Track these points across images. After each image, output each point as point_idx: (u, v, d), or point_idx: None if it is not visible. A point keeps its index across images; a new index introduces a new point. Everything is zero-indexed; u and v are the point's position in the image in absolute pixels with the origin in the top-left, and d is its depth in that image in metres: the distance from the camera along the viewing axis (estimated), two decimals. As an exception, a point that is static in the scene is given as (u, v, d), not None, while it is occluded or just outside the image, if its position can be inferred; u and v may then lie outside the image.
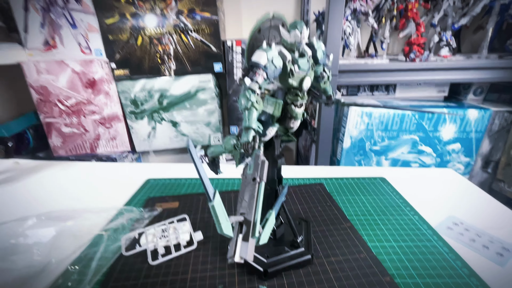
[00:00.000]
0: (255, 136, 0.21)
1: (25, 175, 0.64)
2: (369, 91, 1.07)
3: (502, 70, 0.92)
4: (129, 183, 0.58)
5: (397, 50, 1.35)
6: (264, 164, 0.19)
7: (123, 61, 1.09)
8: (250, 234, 0.16)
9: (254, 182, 0.18)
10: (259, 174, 0.18)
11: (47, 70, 1.06)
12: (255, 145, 0.20)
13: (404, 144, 0.98)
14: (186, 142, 0.20)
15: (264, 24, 0.28)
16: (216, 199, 0.16)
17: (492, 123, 0.97)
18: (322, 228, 0.43)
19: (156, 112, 1.19)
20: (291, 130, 0.30)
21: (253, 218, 0.17)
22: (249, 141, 0.20)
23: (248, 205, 0.17)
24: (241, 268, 0.35)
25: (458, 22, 1.02)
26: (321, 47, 0.27)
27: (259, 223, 0.18)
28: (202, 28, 1.06)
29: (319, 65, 0.27)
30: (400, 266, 0.35)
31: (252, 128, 0.21)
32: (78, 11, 1.02)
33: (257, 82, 0.22)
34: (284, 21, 0.29)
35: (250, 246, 0.16)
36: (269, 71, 0.22)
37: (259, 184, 0.18)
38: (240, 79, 0.22)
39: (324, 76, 0.28)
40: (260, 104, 0.22)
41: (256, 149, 0.20)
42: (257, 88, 0.22)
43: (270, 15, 0.28)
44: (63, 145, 1.18)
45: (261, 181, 0.18)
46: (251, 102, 0.21)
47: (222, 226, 0.15)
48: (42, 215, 0.42)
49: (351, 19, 1.03)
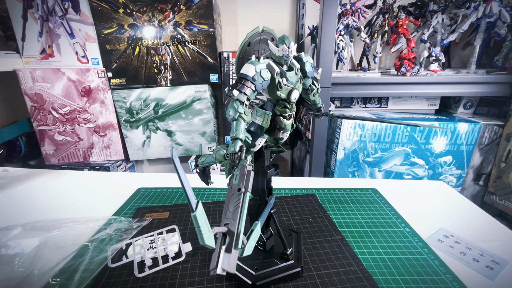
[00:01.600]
0: (242, 146, 0.21)
1: (13, 183, 0.63)
2: (362, 104, 1.09)
3: (490, 85, 0.94)
4: (120, 193, 0.58)
5: (389, 64, 1.39)
6: (250, 175, 0.19)
7: (120, 71, 1.10)
8: (233, 245, 0.16)
9: (239, 192, 0.18)
10: (244, 184, 0.18)
11: (42, 78, 1.06)
12: (241, 155, 0.20)
13: (396, 156, 0.99)
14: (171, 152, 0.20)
15: (254, 37, 0.29)
16: (199, 210, 0.16)
17: (482, 136, 0.99)
18: (313, 240, 0.42)
19: (151, 121, 1.19)
20: (281, 141, 0.30)
21: (237, 229, 0.16)
22: (236, 151, 0.20)
23: (232, 215, 0.17)
24: (229, 280, 0.34)
25: (447, 38, 1.06)
26: (309, 61, 0.27)
27: (243, 234, 0.17)
28: (199, 40, 1.08)
29: (308, 78, 0.28)
30: (390, 279, 0.35)
31: (239, 138, 0.21)
32: (76, 21, 1.04)
33: (245, 94, 0.22)
34: (274, 35, 0.30)
35: (233, 257, 0.16)
36: (257, 83, 0.23)
37: (244, 195, 0.18)
38: (229, 90, 0.22)
39: (313, 89, 0.29)
40: (248, 115, 0.22)
41: (243, 159, 0.20)
42: (245, 99, 0.22)
43: (260, 29, 0.29)
44: (55, 153, 1.17)
45: (246, 191, 0.18)
46: (238, 113, 0.21)
47: (204, 237, 0.15)
48: (28, 225, 0.41)
49: (344, 33, 1.06)
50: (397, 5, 1.13)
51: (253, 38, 0.29)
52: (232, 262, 0.15)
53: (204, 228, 0.16)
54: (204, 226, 0.16)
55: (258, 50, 0.29)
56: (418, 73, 0.97)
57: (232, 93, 0.22)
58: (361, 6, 1.09)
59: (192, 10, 1.04)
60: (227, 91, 0.22)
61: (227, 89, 0.22)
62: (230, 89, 0.22)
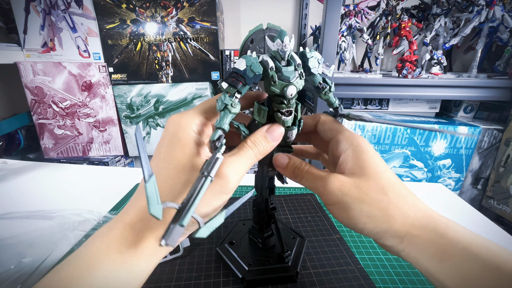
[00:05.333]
0: (221, 136, 0.22)
1: (12, 175, 0.63)
2: (363, 105, 1.09)
3: (491, 90, 0.95)
4: (118, 188, 0.57)
5: (391, 66, 1.39)
6: (217, 161, 0.19)
7: (121, 66, 1.10)
8: (179, 220, 0.17)
9: (202, 175, 0.19)
10: (208, 168, 0.19)
11: (43, 71, 1.06)
12: (218, 144, 0.21)
13: (396, 158, 0.99)
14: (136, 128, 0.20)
15: (258, 34, 0.29)
16: (151, 181, 0.17)
17: (482, 141, 0.99)
18: (311, 239, 0.42)
19: (152, 118, 1.19)
20: (288, 140, 0.29)
21: (187, 206, 0.17)
22: (214, 139, 0.21)
23: (188, 195, 0.18)
24: (226, 276, 0.35)
25: (449, 41, 1.06)
26: (314, 56, 0.26)
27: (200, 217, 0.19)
28: (201, 37, 1.08)
29: (314, 75, 0.27)
30: (387, 279, 0.35)
31: (221, 128, 0.22)
32: (79, 15, 1.03)
33: (235, 87, 0.22)
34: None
35: (176, 232, 0.17)
36: (248, 77, 0.23)
37: (206, 178, 0.19)
38: (220, 82, 0.23)
39: (325, 87, 0.28)
40: (236, 107, 0.22)
41: (218, 147, 0.21)
42: (235, 92, 0.22)
43: (264, 26, 0.29)
44: (54, 147, 1.17)
45: (208, 175, 0.19)
46: (225, 105, 0.22)
47: (151, 207, 0.17)
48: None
49: (346, 34, 1.06)
50: (400, 8, 1.13)
51: (257, 35, 0.29)
52: (174, 237, 0.16)
53: (153, 199, 0.17)
54: (153, 197, 0.17)
55: (264, 47, 0.29)
56: (419, 76, 0.97)
57: (221, 85, 0.23)
58: (364, 8, 1.09)
59: (195, 7, 1.04)
60: (218, 83, 0.23)
61: (218, 81, 0.23)
62: (220, 81, 0.23)
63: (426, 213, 0.23)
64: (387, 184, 0.23)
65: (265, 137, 0.25)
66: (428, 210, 0.23)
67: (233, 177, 0.22)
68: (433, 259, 0.21)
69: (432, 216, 0.23)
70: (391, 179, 0.24)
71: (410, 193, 0.24)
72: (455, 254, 0.20)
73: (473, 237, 0.21)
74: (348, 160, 0.25)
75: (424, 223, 0.22)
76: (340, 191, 0.23)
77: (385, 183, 0.23)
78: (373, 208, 0.23)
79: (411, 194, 0.24)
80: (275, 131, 0.25)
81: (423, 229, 0.22)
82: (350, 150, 0.25)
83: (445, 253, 0.20)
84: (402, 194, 0.23)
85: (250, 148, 0.24)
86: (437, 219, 0.22)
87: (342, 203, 0.23)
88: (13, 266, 0.32)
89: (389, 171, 0.24)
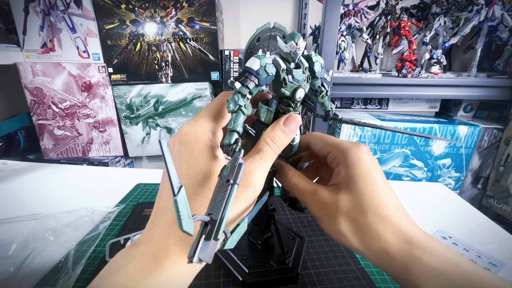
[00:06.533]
0: (237, 139, 0.21)
1: (12, 176, 0.63)
2: (363, 104, 1.09)
3: (491, 89, 0.95)
4: (119, 188, 0.57)
5: (390, 66, 1.39)
6: (241, 167, 0.18)
7: (121, 66, 1.10)
8: (212, 235, 0.15)
9: (227, 183, 0.17)
10: (233, 176, 0.18)
11: (43, 72, 1.06)
12: (236, 147, 0.20)
13: (396, 157, 0.99)
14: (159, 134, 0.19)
15: (264, 33, 0.29)
16: (181, 194, 0.16)
17: (482, 140, 0.99)
18: (311, 239, 0.42)
19: (151, 118, 1.19)
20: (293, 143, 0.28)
21: (219, 219, 0.16)
22: (231, 143, 0.20)
23: (217, 206, 0.17)
24: (227, 277, 0.34)
25: (448, 41, 1.06)
26: (319, 61, 0.26)
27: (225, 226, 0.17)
28: (201, 37, 1.07)
29: (317, 78, 0.27)
30: (387, 279, 0.35)
31: (236, 131, 0.21)
32: (78, 15, 1.03)
33: (248, 87, 0.21)
34: (285, 32, 0.29)
35: (211, 247, 0.15)
36: (261, 77, 0.22)
37: (232, 186, 0.17)
38: (232, 82, 0.21)
39: (323, 91, 0.28)
40: (249, 108, 0.22)
41: (237, 151, 0.20)
42: (247, 92, 0.22)
43: (271, 25, 0.28)
44: (54, 147, 1.16)
45: (235, 183, 0.17)
46: (238, 106, 0.21)
47: (183, 223, 0.15)
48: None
49: (346, 34, 1.06)
50: (399, 7, 1.13)
51: (263, 33, 0.28)
52: (210, 252, 0.15)
53: (184, 213, 0.15)
54: (185, 212, 0.15)
55: (268, 46, 0.29)
56: (419, 75, 0.97)
57: (234, 85, 0.21)
58: (363, 7, 1.09)
59: (194, 7, 1.04)
60: (230, 82, 0.22)
61: (229, 81, 0.22)
62: (232, 81, 0.21)
63: (403, 238, 0.22)
64: (369, 205, 0.23)
65: (284, 131, 0.24)
66: (409, 232, 0.22)
67: (259, 182, 0.21)
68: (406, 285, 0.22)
69: (410, 241, 0.22)
70: (375, 198, 0.23)
71: (395, 211, 0.23)
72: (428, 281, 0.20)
73: (452, 260, 0.21)
74: (340, 174, 0.25)
75: (398, 248, 0.22)
76: (323, 207, 0.24)
77: (368, 204, 0.23)
78: (353, 228, 0.23)
79: (394, 214, 0.23)
80: (292, 123, 0.24)
81: (396, 256, 0.22)
82: (343, 164, 0.25)
83: (417, 281, 0.21)
84: (384, 215, 0.23)
85: (271, 148, 0.23)
86: (415, 244, 0.22)
87: (327, 218, 0.24)
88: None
89: (377, 188, 0.23)
